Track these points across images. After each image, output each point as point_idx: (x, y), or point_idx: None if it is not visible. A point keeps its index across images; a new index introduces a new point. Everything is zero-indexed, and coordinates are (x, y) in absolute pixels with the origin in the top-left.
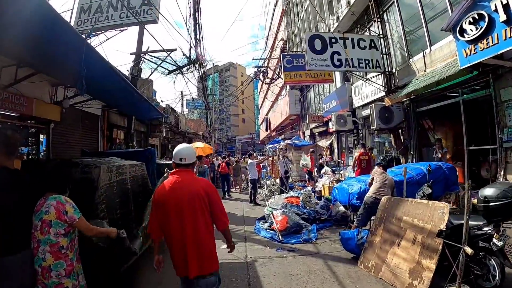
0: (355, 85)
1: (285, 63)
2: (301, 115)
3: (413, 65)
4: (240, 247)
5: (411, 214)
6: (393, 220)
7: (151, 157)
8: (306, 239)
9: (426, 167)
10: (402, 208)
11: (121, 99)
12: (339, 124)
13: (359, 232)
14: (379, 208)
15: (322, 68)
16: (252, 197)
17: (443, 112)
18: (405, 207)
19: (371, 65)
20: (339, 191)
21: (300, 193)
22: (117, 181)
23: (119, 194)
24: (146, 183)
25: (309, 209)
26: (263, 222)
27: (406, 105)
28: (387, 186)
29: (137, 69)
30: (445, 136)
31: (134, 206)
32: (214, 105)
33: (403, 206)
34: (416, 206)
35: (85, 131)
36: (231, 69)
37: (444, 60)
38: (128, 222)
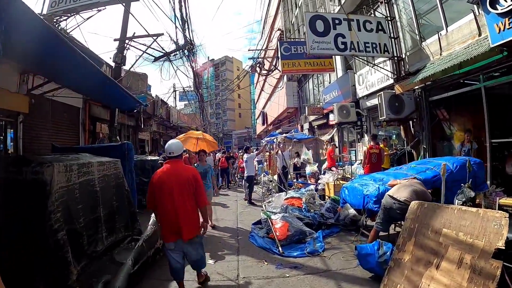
0: (359, 73)
1: (282, 51)
2: (299, 107)
3: (426, 49)
4: (231, 263)
5: (454, 226)
6: (429, 233)
7: (127, 152)
8: (311, 250)
9: (454, 163)
10: (440, 218)
11: (82, 81)
12: (342, 115)
13: (380, 246)
14: (407, 217)
15: (325, 51)
16: (247, 196)
17: (460, 101)
18: (445, 216)
19: (378, 49)
20: (351, 192)
21: (302, 193)
22: (79, 183)
23: (82, 198)
24: (122, 183)
25: (313, 212)
26: (259, 227)
27: (418, 94)
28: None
29: (121, 57)
30: (462, 128)
31: (105, 212)
32: (209, 99)
33: (441, 214)
34: (460, 215)
35: (63, 125)
36: (227, 63)
37: (463, 42)
38: (97, 231)
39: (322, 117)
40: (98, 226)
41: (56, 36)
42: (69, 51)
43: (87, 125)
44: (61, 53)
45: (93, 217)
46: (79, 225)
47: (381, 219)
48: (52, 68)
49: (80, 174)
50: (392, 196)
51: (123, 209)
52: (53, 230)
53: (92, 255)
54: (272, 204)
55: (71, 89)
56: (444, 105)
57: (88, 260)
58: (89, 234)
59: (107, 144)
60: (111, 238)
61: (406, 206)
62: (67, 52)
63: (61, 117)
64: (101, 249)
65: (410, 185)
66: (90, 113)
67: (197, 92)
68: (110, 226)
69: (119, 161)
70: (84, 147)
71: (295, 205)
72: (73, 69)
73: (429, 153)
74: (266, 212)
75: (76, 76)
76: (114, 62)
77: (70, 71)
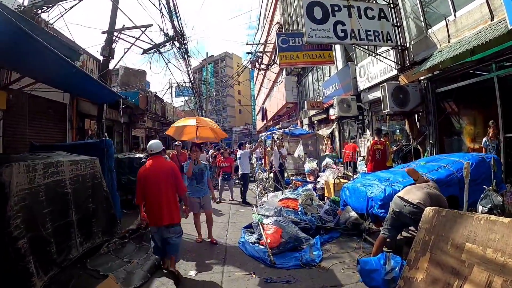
0: (360, 65)
1: (280, 43)
2: (298, 103)
3: (433, 37)
4: (215, 275)
5: (481, 241)
6: (448, 248)
7: (106, 150)
8: (307, 261)
9: (469, 160)
10: (462, 229)
11: (47, 72)
12: (342, 109)
13: (387, 260)
14: (421, 226)
15: (323, 40)
16: (242, 195)
17: (470, 93)
18: (468, 227)
19: (381, 38)
20: (352, 193)
21: (298, 193)
22: (46, 184)
23: (50, 201)
24: (99, 183)
25: (310, 215)
26: (250, 232)
27: (424, 85)
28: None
29: (109, 50)
30: (473, 122)
31: (79, 215)
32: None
33: (464, 225)
34: (488, 227)
35: (49, 122)
36: (227, 59)
37: (474, 28)
38: (69, 238)
39: (322, 112)
40: (70, 231)
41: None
42: (24, 37)
43: (75, 122)
44: (17, 40)
45: (64, 222)
46: (46, 231)
47: (388, 224)
48: (13, 59)
49: (46, 175)
50: (403, 198)
51: (101, 212)
52: (13, 238)
53: (62, 264)
54: (264, 206)
55: (39, 81)
56: (452, 98)
57: (58, 269)
58: (59, 241)
59: (86, 141)
60: (87, 244)
61: (419, 209)
62: (22, 39)
63: (46, 113)
64: (74, 257)
65: (424, 187)
66: (78, 109)
67: (192, 86)
68: (86, 231)
69: (96, 159)
70: (62, 144)
71: (290, 207)
72: (34, 59)
73: (436, 149)
74: (257, 215)
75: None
76: (101, 55)
77: (31, 61)
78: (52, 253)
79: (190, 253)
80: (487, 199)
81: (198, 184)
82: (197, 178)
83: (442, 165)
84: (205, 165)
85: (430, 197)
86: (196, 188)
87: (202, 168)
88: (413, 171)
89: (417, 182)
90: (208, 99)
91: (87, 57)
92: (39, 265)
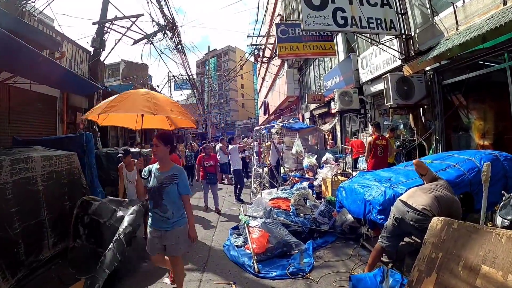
0: (362, 56)
1: (279, 34)
2: (300, 96)
3: (439, 24)
4: (190, 283)
5: (501, 264)
6: (459, 270)
7: (86, 144)
8: (295, 270)
9: (481, 159)
10: (478, 247)
11: (13, 62)
12: (343, 102)
13: (384, 277)
14: (427, 239)
15: (322, 27)
16: (236, 192)
17: (479, 85)
18: (486, 245)
19: (384, 26)
20: (349, 195)
21: (291, 192)
22: (13, 182)
23: (18, 200)
24: (77, 180)
25: (303, 217)
26: (237, 234)
27: (429, 77)
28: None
29: (99, 41)
30: (482, 117)
31: (53, 214)
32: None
33: (480, 243)
34: (510, 247)
35: (37, 116)
36: (230, 53)
37: (485, 13)
38: (41, 238)
39: (323, 106)
40: (42, 231)
41: None
42: None
43: (65, 116)
44: None
45: (35, 222)
46: (13, 231)
47: (388, 232)
48: None
49: (14, 172)
50: (406, 203)
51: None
52: None
53: (32, 265)
54: (253, 206)
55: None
56: (460, 90)
57: (28, 271)
58: (29, 241)
59: (65, 135)
60: (61, 244)
61: (425, 217)
62: None
63: (35, 107)
64: (46, 258)
65: (431, 189)
66: (68, 103)
67: (189, 79)
68: (60, 230)
69: (75, 154)
70: (43, 139)
71: (281, 207)
72: None
73: (442, 146)
74: (244, 216)
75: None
76: (92, 46)
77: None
78: (20, 255)
79: None
80: (507, 209)
81: (155, 209)
82: (154, 197)
83: (451, 164)
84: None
85: (438, 202)
86: (155, 216)
87: (171, 177)
88: (421, 164)
89: (425, 178)
90: (209, 93)
91: (76, 49)
92: (5, 267)
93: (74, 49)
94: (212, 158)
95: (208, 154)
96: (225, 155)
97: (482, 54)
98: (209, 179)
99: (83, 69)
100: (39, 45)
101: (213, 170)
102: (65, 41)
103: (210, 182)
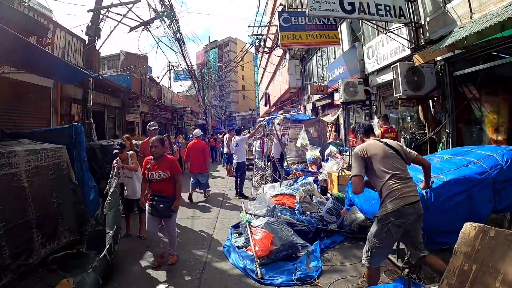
0: (368, 45)
1: (281, 22)
2: (302, 88)
3: (452, 12)
4: None
5: None
6: (496, 285)
7: (75, 137)
8: (302, 276)
9: (503, 155)
10: None
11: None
12: (348, 93)
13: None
14: (458, 248)
15: (328, 13)
16: (237, 187)
17: (493, 77)
18: None
19: (392, 13)
20: (360, 195)
21: (296, 188)
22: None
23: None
24: (66, 175)
25: (309, 215)
26: (237, 234)
27: (440, 67)
28: None
29: (94, 29)
30: (496, 110)
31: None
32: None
33: None
34: None
35: (30, 108)
36: (231, 44)
37: (501, 1)
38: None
39: (326, 97)
40: (29, 232)
41: None
42: None
43: (59, 107)
44: None
45: (21, 222)
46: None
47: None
48: None
49: None
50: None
51: (68, 208)
52: None
53: (19, 269)
54: (255, 203)
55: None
56: (472, 82)
57: (14, 275)
58: (14, 244)
59: (54, 127)
60: (50, 245)
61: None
62: None
63: (28, 98)
64: (35, 261)
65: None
66: (63, 94)
67: (188, 69)
68: (49, 230)
69: (63, 147)
70: (32, 131)
71: (286, 204)
72: None
73: (452, 140)
74: (246, 214)
75: None
76: (87, 35)
77: None
78: (5, 258)
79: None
80: None
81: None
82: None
83: (473, 160)
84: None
85: None
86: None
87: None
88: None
89: None
90: (210, 84)
91: (70, 37)
92: None
93: (67, 37)
94: (166, 164)
95: (158, 157)
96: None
97: (497, 44)
98: (156, 209)
99: (77, 59)
100: (25, 30)
101: (167, 190)
102: (58, 28)
103: (159, 213)
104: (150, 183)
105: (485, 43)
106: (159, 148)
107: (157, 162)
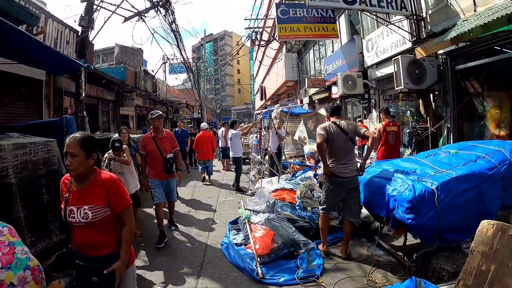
0: (367, 38)
1: (279, 14)
2: (298, 81)
3: (455, 5)
4: None
5: None
6: None
7: (66, 130)
8: (305, 274)
9: (510, 149)
10: None
11: None
12: (347, 87)
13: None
14: (474, 247)
15: (328, 4)
16: (235, 181)
17: (495, 71)
18: None
19: (394, 5)
20: (366, 188)
21: (296, 183)
22: None
23: None
24: (57, 170)
25: (310, 211)
26: (236, 230)
27: (442, 61)
28: None
29: (88, 19)
30: (498, 105)
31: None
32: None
33: None
34: None
35: (21, 100)
36: (226, 37)
37: None
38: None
39: (323, 90)
40: (17, 230)
41: None
42: None
43: (52, 100)
44: None
45: (8, 220)
46: None
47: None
48: None
49: None
50: None
51: (59, 204)
52: None
53: None
54: (254, 198)
55: None
56: (474, 76)
57: None
58: None
59: (44, 120)
60: (41, 244)
61: None
62: None
63: (18, 91)
64: None
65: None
66: (55, 86)
67: (184, 62)
68: (39, 228)
69: (54, 141)
70: (21, 125)
71: (286, 200)
72: None
73: (453, 134)
74: (244, 210)
75: None
76: (80, 25)
77: None
78: None
79: (161, 257)
80: None
81: None
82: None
83: (481, 155)
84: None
85: None
86: None
87: None
88: None
89: None
90: (205, 77)
91: (62, 28)
92: None
93: (60, 28)
94: (100, 191)
95: (80, 177)
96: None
97: (502, 38)
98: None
99: (70, 50)
100: (13, 19)
101: (102, 244)
102: (50, 18)
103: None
104: (71, 229)
105: (489, 37)
106: (81, 157)
107: (80, 188)
